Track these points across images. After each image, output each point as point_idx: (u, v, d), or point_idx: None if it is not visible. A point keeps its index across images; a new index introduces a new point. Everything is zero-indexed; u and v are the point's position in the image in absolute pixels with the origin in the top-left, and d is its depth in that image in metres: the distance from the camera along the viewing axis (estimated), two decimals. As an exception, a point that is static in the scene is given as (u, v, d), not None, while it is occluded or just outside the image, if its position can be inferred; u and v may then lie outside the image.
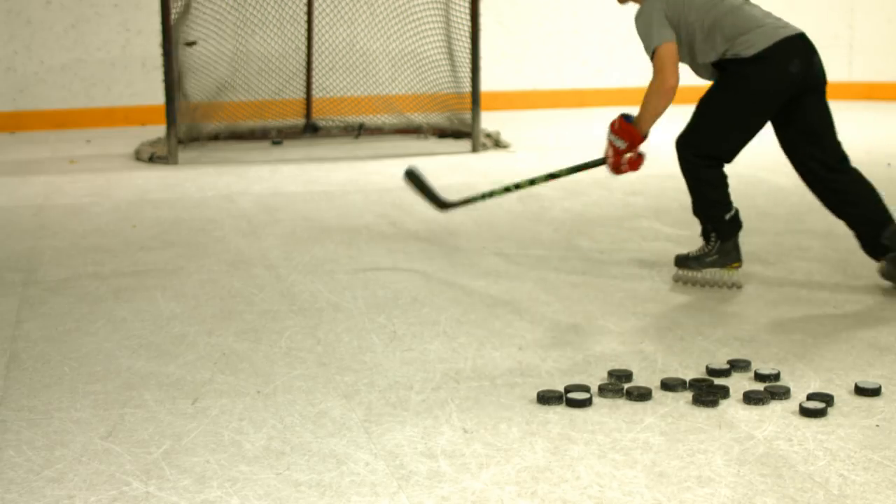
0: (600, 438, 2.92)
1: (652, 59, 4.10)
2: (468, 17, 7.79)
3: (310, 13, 8.27)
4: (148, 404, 3.18)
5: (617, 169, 4.32)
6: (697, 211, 4.35)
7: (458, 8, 7.95)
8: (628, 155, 4.27)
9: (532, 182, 4.69)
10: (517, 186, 4.71)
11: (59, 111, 9.29)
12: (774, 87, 4.08)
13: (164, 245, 5.12)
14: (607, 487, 2.64)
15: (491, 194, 4.73)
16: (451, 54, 8.12)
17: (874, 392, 3.20)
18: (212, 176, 6.94)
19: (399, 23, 8.25)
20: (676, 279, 4.35)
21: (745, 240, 5.09)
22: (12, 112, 9.20)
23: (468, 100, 7.88)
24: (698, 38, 4.12)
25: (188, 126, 7.85)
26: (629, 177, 4.68)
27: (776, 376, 3.30)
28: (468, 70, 7.85)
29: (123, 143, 8.21)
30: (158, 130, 7.95)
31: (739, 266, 4.32)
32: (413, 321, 3.94)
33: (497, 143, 8.14)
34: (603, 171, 4.47)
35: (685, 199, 4.47)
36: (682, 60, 4.20)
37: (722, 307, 4.08)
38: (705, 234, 4.34)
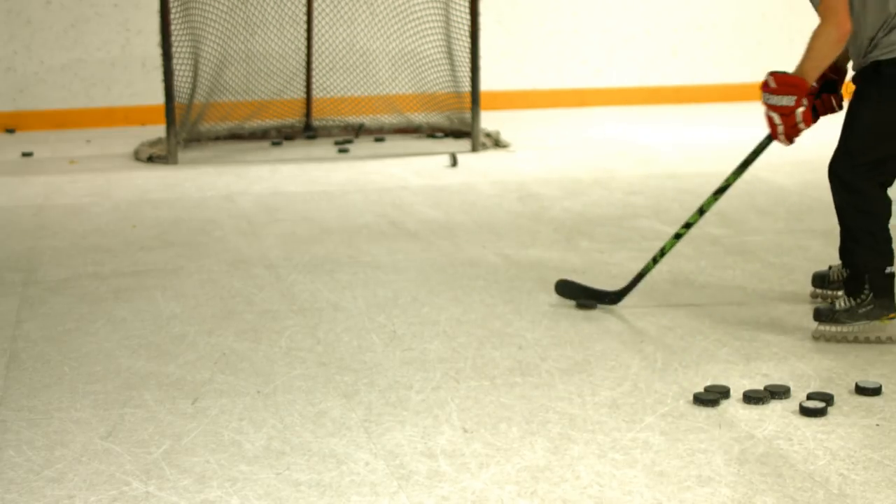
0: (600, 438, 2.92)
1: (818, 4, 3.58)
2: (468, 17, 7.78)
3: (309, 13, 8.26)
4: (148, 404, 3.18)
5: (793, 131, 3.67)
6: (852, 257, 3.77)
7: (457, 7, 7.95)
8: (800, 110, 3.62)
9: (702, 212, 4.05)
10: (688, 226, 4.06)
11: (59, 111, 9.28)
12: None
13: (164, 245, 5.12)
14: (607, 487, 2.64)
15: (662, 252, 4.10)
16: (450, 54, 8.11)
17: (874, 392, 3.20)
18: (212, 176, 6.94)
19: (399, 22, 8.24)
20: (818, 336, 3.71)
21: (746, 239, 5.10)
22: (12, 112, 9.19)
23: (468, 99, 7.87)
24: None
25: (188, 127, 7.85)
26: (629, 177, 4.67)
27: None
28: (468, 70, 7.84)
29: (123, 143, 8.21)
30: (158, 130, 7.94)
31: (895, 317, 3.70)
32: (413, 321, 3.93)
33: (497, 143, 8.13)
34: (605, 171, 4.43)
35: (685, 198, 4.45)
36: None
37: (722, 307, 4.07)
38: (854, 286, 3.72)
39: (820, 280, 4.15)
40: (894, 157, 3.67)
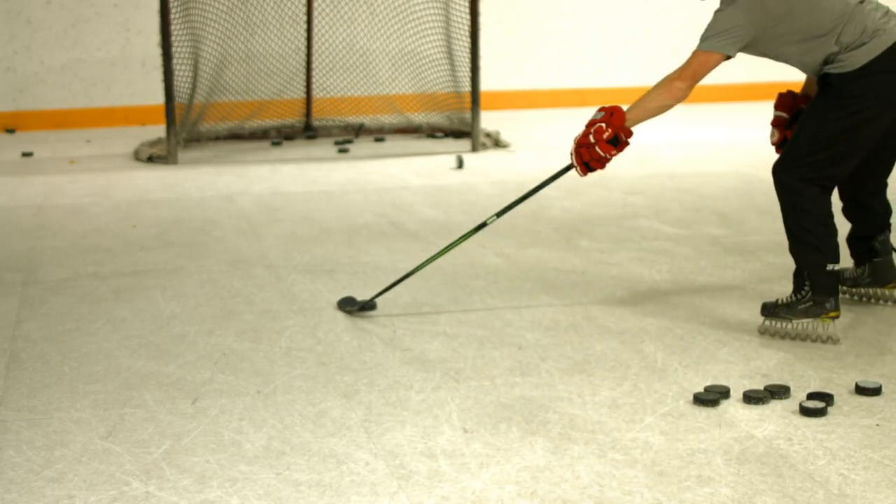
0: (600, 438, 2.92)
1: (692, 55, 3.75)
2: (468, 17, 7.78)
3: (309, 13, 8.27)
4: (148, 404, 3.18)
5: (584, 147, 3.75)
6: (794, 254, 3.84)
7: (457, 7, 7.95)
8: (598, 125, 3.71)
9: (483, 225, 4.12)
10: (464, 237, 4.11)
11: (59, 111, 9.28)
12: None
13: (164, 245, 5.12)
14: (607, 487, 2.64)
15: (428, 261, 4.10)
16: (450, 54, 8.12)
17: (874, 391, 3.20)
18: (212, 176, 6.94)
19: (399, 22, 8.24)
20: (763, 331, 3.78)
21: (746, 239, 5.10)
22: (12, 112, 9.19)
23: (468, 99, 7.88)
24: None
25: (188, 127, 7.85)
26: (629, 176, 4.68)
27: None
28: (468, 69, 7.84)
29: (123, 143, 8.21)
30: (158, 130, 7.94)
31: (837, 316, 3.73)
32: (413, 321, 3.93)
33: (497, 143, 8.13)
34: (605, 171, 4.36)
35: (685, 198, 4.46)
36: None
37: (722, 308, 4.07)
38: (798, 282, 3.80)
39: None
40: (835, 164, 3.71)
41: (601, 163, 3.79)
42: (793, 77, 4.17)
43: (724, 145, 7.65)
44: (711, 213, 5.60)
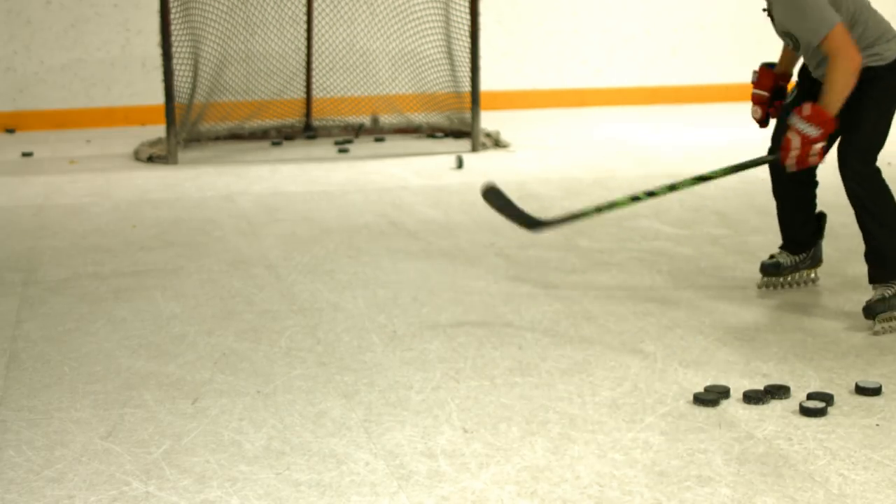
0: (600, 438, 2.92)
1: (823, 41, 3.75)
2: (468, 17, 7.78)
3: (309, 13, 8.27)
4: (148, 404, 3.18)
5: (804, 160, 3.80)
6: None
7: (457, 7, 7.95)
8: (819, 145, 3.77)
9: (672, 188, 4.08)
10: (650, 195, 4.10)
11: (59, 111, 9.28)
12: None
13: (164, 245, 5.12)
14: (607, 487, 2.64)
15: (611, 205, 4.14)
16: (450, 54, 8.11)
17: (874, 391, 3.20)
18: (212, 176, 6.94)
19: (399, 22, 8.24)
20: (878, 333, 3.77)
21: (746, 239, 5.10)
22: (12, 112, 9.19)
23: (468, 99, 7.87)
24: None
25: (188, 127, 7.85)
26: (629, 176, 4.68)
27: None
28: (468, 69, 7.84)
29: (123, 143, 8.21)
30: (158, 130, 7.94)
31: None
32: (413, 321, 3.94)
33: (497, 143, 8.13)
34: (605, 171, 4.41)
35: (685, 198, 4.46)
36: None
37: (722, 307, 4.07)
38: (885, 273, 3.88)
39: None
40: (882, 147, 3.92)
41: (819, 160, 3.89)
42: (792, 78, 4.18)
43: (724, 145, 7.65)
44: (711, 213, 5.60)
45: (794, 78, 4.21)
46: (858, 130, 3.87)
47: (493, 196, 4.16)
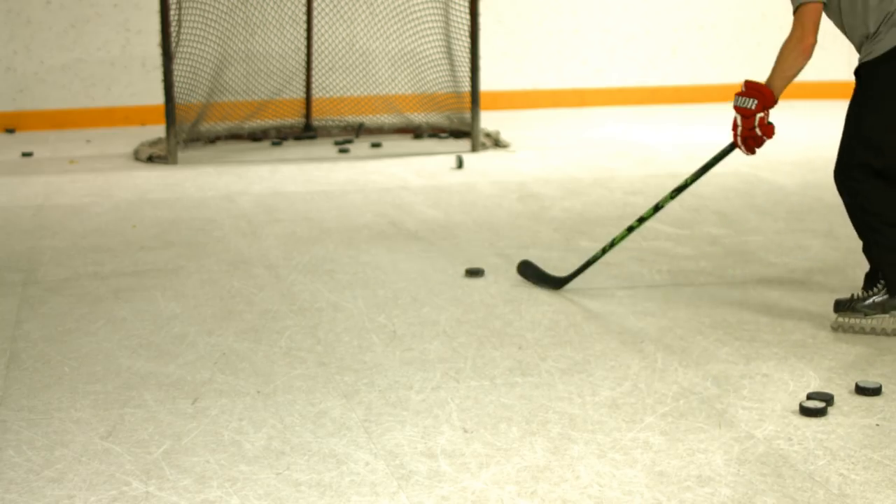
0: (600, 438, 2.92)
1: (795, 11, 3.75)
2: (468, 17, 7.79)
3: (309, 13, 8.27)
4: (148, 404, 3.18)
5: (750, 137, 3.80)
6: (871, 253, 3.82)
7: (457, 7, 7.96)
8: (760, 115, 3.77)
9: (657, 208, 4.23)
10: (641, 221, 4.28)
11: (59, 111, 9.29)
12: None
13: (164, 245, 5.12)
14: (607, 487, 2.64)
15: (612, 243, 4.30)
16: (450, 54, 8.12)
17: (874, 391, 3.20)
18: (212, 176, 6.94)
19: (398, 22, 8.25)
20: (836, 327, 3.79)
21: (746, 239, 5.11)
22: (12, 112, 9.20)
23: (468, 99, 7.88)
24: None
25: (188, 126, 7.85)
26: (629, 176, 4.68)
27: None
28: (468, 69, 7.85)
29: (123, 143, 8.22)
30: (158, 130, 7.95)
31: None
32: (413, 321, 3.94)
33: (497, 143, 8.14)
34: (605, 171, 4.42)
35: (685, 198, 4.45)
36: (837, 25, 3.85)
37: (722, 308, 4.07)
38: (870, 280, 3.83)
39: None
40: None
41: (762, 143, 3.90)
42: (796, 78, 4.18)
43: (724, 145, 7.65)
44: (711, 213, 5.60)
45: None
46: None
47: (524, 267, 4.46)
